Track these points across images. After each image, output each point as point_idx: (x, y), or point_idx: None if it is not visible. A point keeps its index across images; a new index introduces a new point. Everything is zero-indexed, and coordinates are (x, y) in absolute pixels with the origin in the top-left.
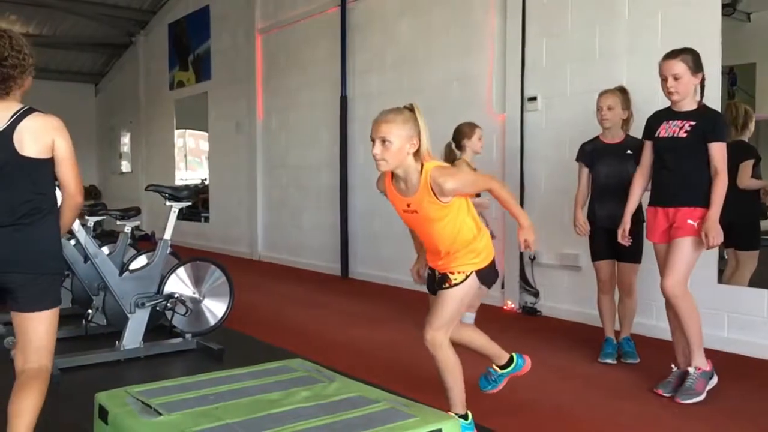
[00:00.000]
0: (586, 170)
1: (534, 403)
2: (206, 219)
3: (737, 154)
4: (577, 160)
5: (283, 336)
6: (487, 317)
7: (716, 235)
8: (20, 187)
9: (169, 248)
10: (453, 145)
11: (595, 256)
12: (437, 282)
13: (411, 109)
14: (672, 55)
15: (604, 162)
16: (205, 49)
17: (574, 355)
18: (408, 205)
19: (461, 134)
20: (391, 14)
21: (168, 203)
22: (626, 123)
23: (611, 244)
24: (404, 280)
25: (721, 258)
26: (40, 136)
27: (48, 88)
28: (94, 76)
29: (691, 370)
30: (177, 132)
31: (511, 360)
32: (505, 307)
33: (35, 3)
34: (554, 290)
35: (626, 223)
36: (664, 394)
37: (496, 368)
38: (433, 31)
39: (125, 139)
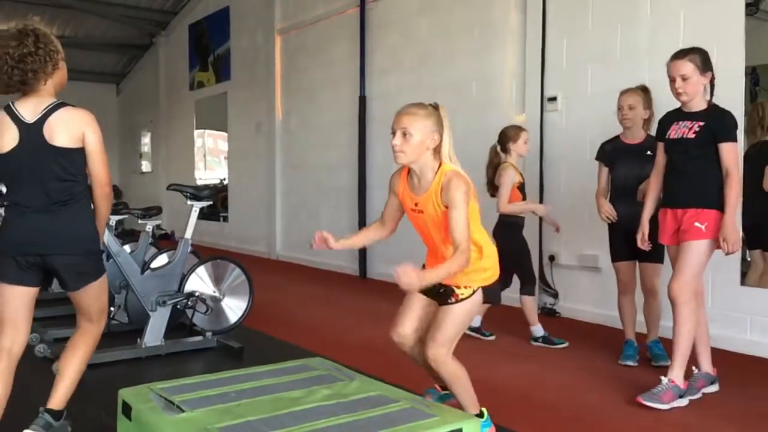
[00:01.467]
0: (605, 170)
1: (555, 405)
2: (225, 218)
3: (762, 155)
4: (597, 159)
5: (302, 335)
6: (506, 318)
7: (734, 241)
8: (52, 175)
9: (189, 247)
10: (498, 148)
11: (615, 257)
12: (441, 295)
13: (435, 107)
14: (680, 55)
15: (623, 162)
16: (225, 50)
17: (594, 356)
18: (416, 204)
19: (507, 137)
20: (411, 14)
21: (189, 202)
22: (647, 123)
23: (631, 245)
24: None
25: (744, 260)
26: (70, 127)
27: (70, 89)
28: (115, 77)
29: (664, 380)
30: (196, 132)
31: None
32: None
33: (58, 4)
34: (574, 291)
35: (644, 226)
36: (683, 397)
37: (438, 388)
38: (452, 30)
39: (146, 139)
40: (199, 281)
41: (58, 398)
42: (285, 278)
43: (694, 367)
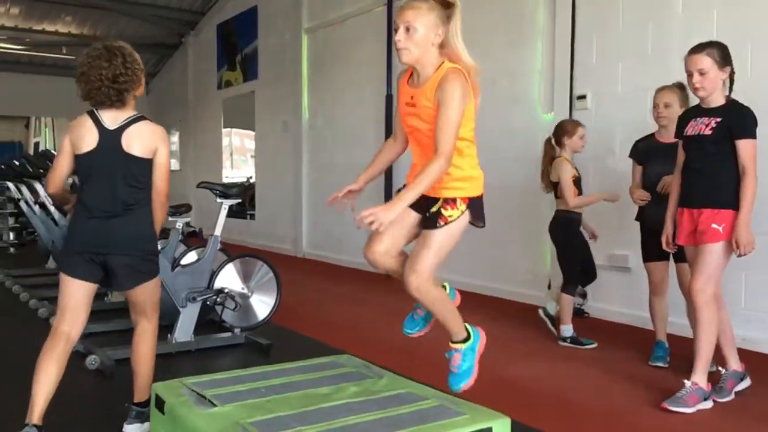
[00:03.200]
0: (639, 168)
1: (584, 406)
2: (252, 216)
3: None
4: (630, 156)
5: (329, 332)
6: (533, 317)
7: (747, 243)
8: (122, 180)
9: (219, 244)
10: (553, 141)
11: (647, 257)
12: (429, 219)
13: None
14: (697, 49)
15: (657, 161)
16: (252, 49)
17: (623, 357)
18: (411, 98)
19: (562, 131)
20: None
21: (219, 200)
22: None
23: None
24: (447, 278)
25: None
26: (146, 140)
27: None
28: (145, 76)
29: (687, 383)
30: (224, 131)
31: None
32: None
33: (89, 5)
34: (603, 291)
35: (668, 228)
36: (718, 400)
37: (420, 311)
38: (480, 27)
39: (174, 138)
40: (228, 278)
41: (140, 392)
42: (311, 276)
43: (720, 368)
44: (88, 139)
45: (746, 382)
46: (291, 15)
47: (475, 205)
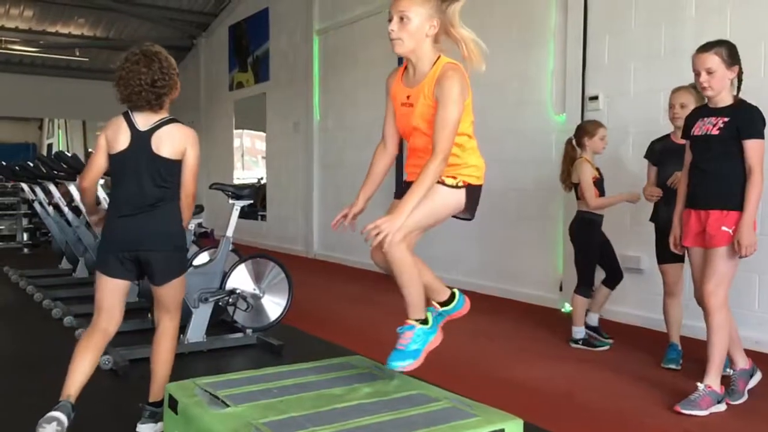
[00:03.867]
0: (654, 169)
1: (596, 408)
2: (263, 217)
3: None
4: (645, 157)
5: (341, 333)
6: (544, 319)
7: (750, 243)
8: (151, 180)
9: (231, 245)
10: (573, 142)
11: (661, 259)
12: None
13: None
14: (705, 48)
15: (672, 162)
16: (263, 51)
17: (636, 359)
18: (407, 97)
19: (583, 132)
20: None
21: (231, 201)
22: None
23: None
24: (462, 280)
25: None
26: (175, 142)
27: (113, 90)
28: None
29: (700, 386)
30: (235, 132)
31: (452, 296)
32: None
33: (102, 7)
34: (615, 293)
35: (676, 229)
36: (732, 402)
37: (436, 305)
38: (491, 28)
39: None
40: (240, 279)
41: (155, 392)
42: (323, 277)
43: (729, 370)
44: (121, 139)
45: (757, 377)
46: (302, 17)
47: (472, 193)
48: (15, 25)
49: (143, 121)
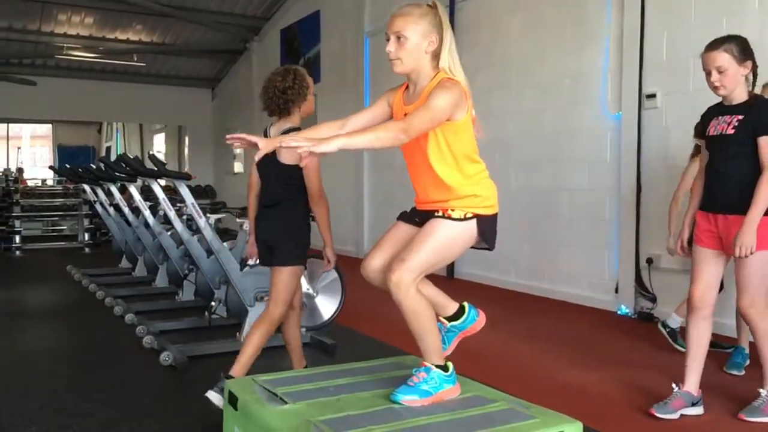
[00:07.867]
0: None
1: (654, 414)
2: (313, 218)
3: None
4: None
5: (392, 334)
6: (600, 321)
7: (748, 244)
8: (275, 181)
9: None
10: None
11: None
12: (426, 214)
13: (432, 5)
14: (714, 45)
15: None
16: (315, 53)
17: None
18: (405, 115)
19: None
20: (501, 12)
21: None
22: None
23: None
24: (512, 281)
25: None
26: (292, 150)
27: (170, 93)
28: (211, 81)
29: (763, 392)
30: None
31: (462, 310)
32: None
33: (158, 13)
34: (674, 296)
35: (684, 233)
36: None
37: (444, 321)
38: (544, 26)
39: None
40: None
41: (238, 368)
42: None
43: None
44: None
45: None
46: (353, 19)
47: (485, 223)
48: (76, 32)
49: (275, 129)
